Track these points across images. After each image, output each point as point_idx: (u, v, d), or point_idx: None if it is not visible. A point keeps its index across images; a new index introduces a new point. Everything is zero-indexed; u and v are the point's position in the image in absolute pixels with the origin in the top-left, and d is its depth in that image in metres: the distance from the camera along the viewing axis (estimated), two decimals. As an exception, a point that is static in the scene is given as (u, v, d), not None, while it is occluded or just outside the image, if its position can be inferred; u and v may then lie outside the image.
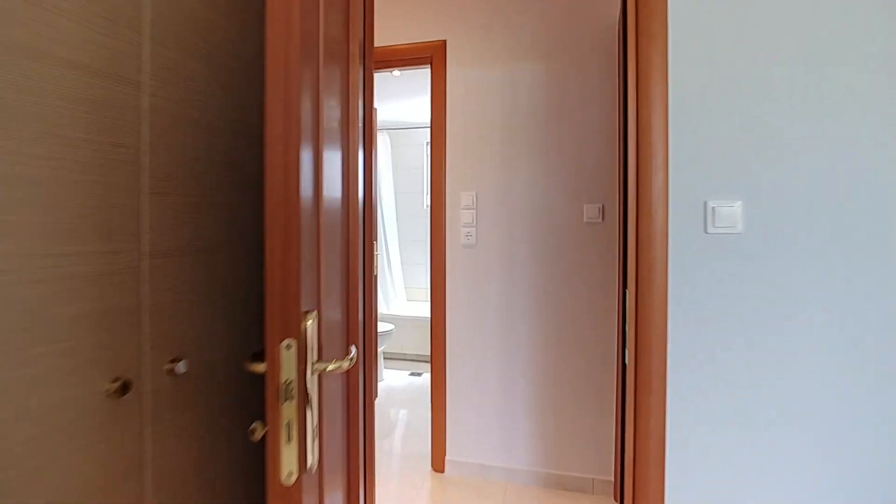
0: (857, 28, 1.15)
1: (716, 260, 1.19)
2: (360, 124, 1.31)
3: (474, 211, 2.42)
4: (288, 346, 0.74)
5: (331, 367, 0.80)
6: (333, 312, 1.00)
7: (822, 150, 1.16)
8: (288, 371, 0.73)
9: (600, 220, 2.25)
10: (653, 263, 1.23)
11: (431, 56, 2.49)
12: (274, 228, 0.74)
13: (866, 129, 1.14)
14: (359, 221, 1.27)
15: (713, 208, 1.20)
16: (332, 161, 1.01)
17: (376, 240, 3.55)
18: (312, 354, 0.76)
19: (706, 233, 1.20)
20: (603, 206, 2.25)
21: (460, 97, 2.43)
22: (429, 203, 3.85)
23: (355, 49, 1.20)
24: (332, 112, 1.01)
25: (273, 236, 0.74)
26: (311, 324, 0.76)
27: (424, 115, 4.76)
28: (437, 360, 2.50)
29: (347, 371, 1.11)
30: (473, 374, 2.44)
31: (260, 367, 0.81)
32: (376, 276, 3.57)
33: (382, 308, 4.77)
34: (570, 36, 2.29)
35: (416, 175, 5.15)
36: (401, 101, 4.22)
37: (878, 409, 1.16)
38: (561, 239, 2.31)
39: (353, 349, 0.95)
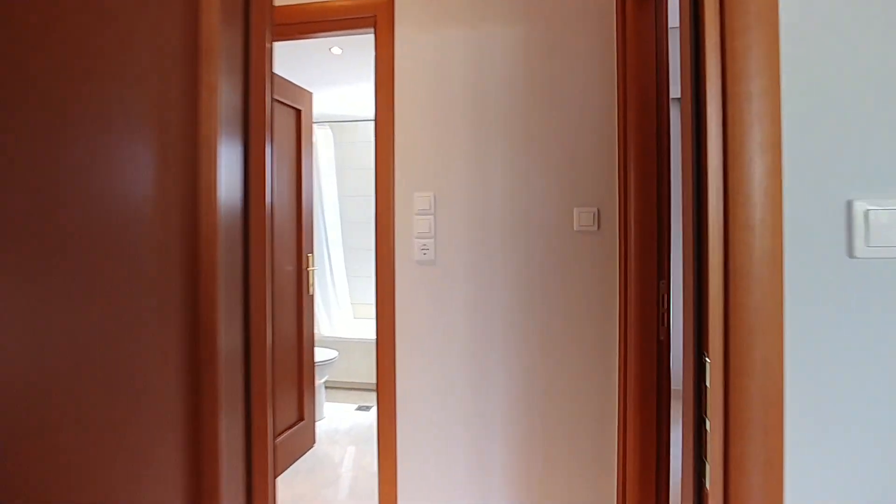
0: None
1: (874, 309, 0.68)
2: (223, 108, 0.74)
3: (432, 218, 1.85)
4: None
5: None
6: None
7: None
8: None
9: (595, 228, 1.74)
10: (752, 315, 0.69)
11: (374, 16, 1.91)
12: None
13: None
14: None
15: (866, 213, 0.67)
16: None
17: (311, 253, 2.92)
18: None
19: (852, 257, 0.67)
20: (598, 212, 1.74)
21: (413, 70, 1.87)
22: (378, 207, 3.25)
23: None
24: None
25: None
26: None
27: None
28: (384, 409, 1.91)
29: None
30: (429, 425, 1.86)
31: None
32: (313, 296, 2.94)
33: (325, 329, 4.11)
34: (553, -9, 1.77)
35: (365, 176, 4.53)
36: (345, 86, 3.61)
37: None
38: (545, 253, 1.78)
39: None
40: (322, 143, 4.03)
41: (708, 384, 0.72)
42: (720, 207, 0.71)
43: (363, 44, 2.71)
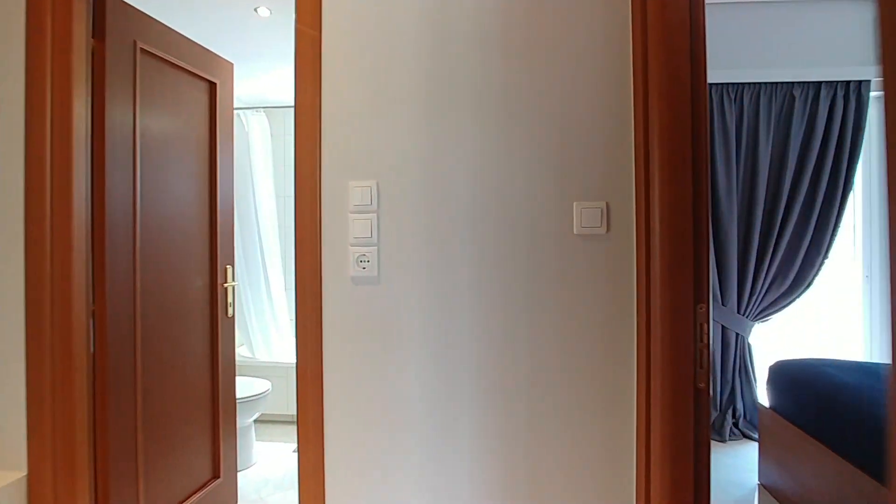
0: None
1: None
2: None
3: (373, 217, 1.31)
4: None
5: None
6: None
7: None
8: None
9: (603, 231, 1.24)
10: None
11: (293, -65, 1.37)
12: None
13: None
14: None
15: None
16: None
17: (232, 265, 2.32)
18: None
19: None
20: (607, 208, 1.24)
21: (348, 14, 1.33)
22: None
23: None
24: None
25: None
26: None
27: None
28: (305, 487, 1.35)
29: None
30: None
31: None
32: (233, 317, 2.33)
33: (262, 354, 3.48)
34: None
35: (310, 174, 3.92)
36: (282, 63, 3.02)
37: None
38: (533, 267, 1.26)
39: None
40: (256, 133, 3.41)
41: None
42: None
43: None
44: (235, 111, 3.39)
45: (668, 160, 1.14)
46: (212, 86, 2.21)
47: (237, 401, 2.68)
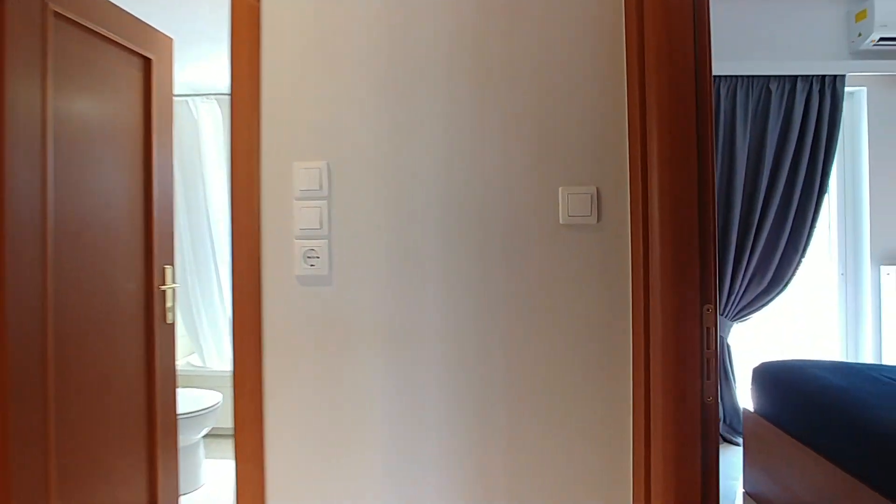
0: None
1: None
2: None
3: (324, 205, 1.11)
4: None
5: None
6: None
7: None
8: None
9: (593, 220, 1.06)
10: None
11: None
12: None
13: None
14: None
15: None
16: None
17: (171, 265, 2.06)
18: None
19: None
20: (598, 193, 1.07)
21: (292, -38, 1.12)
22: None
23: None
24: None
25: None
26: None
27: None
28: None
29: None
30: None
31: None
32: (173, 324, 2.07)
33: (214, 363, 3.20)
34: None
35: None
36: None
37: None
38: (512, 261, 1.08)
39: None
40: (207, 122, 3.13)
41: None
42: None
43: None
44: (184, 98, 3.11)
45: (668, 137, 0.97)
46: (146, 63, 1.95)
47: (183, 416, 2.41)
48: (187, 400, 2.53)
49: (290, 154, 1.11)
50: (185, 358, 3.36)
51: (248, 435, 1.14)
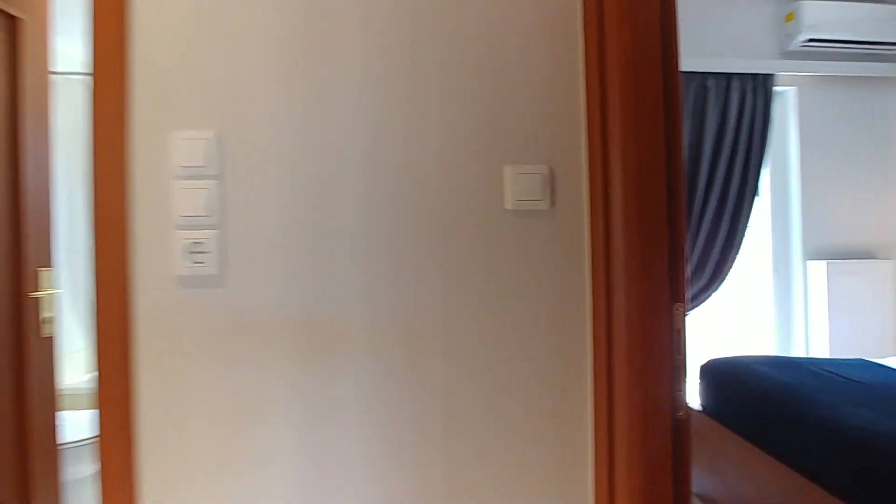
0: None
1: None
2: None
3: (213, 185, 0.87)
4: None
5: None
6: None
7: None
8: None
9: (546, 206, 0.89)
10: None
11: None
12: None
13: None
14: None
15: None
16: None
17: (48, 268, 1.72)
18: None
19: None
20: (550, 173, 0.90)
21: None
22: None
23: None
24: None
25: None
26: None
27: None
28: None
29: None
30: None
31: None
32: (50, 337, 1.73)
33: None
34: None
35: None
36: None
37: None
38: (452, 253, 0.89)
39: None
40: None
41: None
42: None
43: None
44: (76, 76, 2.70)
45: (632, 104, 0.82)
46: (13, 23, 1.61)
47: (71, 445, 2.05)
48: (78, 426, 2.16)
49: (166, 121, 0.87)
50: (87, 375, 2.94)
51: (115, 483, 0.88)
